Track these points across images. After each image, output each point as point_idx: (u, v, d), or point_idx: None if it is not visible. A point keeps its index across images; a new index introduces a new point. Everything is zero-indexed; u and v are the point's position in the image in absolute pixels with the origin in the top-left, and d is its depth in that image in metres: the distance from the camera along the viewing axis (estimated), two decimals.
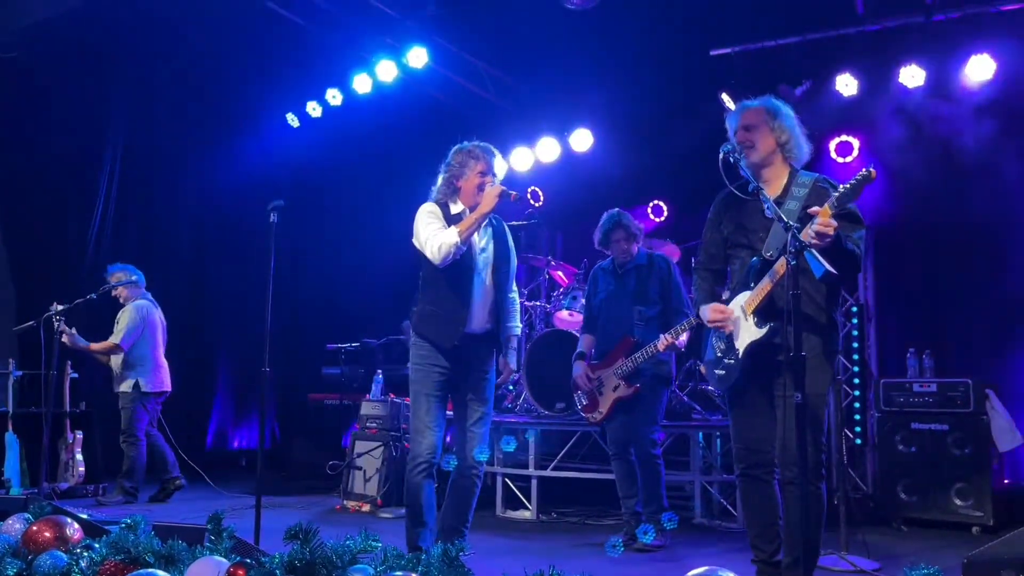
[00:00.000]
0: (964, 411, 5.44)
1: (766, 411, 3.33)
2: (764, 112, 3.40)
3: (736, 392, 3.38)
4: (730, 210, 3.46)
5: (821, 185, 3.29)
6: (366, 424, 6.58)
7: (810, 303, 3.22)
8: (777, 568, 3.36)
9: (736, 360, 3.31)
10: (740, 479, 3.45)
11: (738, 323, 3.31)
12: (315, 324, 9.06)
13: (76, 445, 6.77)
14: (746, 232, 3.38)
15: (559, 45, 7.15)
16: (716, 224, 3.54)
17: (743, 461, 3.40)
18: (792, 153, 3.40)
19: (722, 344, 3.39)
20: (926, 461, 5.51)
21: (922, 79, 6.27)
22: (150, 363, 6.65)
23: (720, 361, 3.39)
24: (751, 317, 3.26)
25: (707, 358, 3.52)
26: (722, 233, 3.50)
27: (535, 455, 6.06)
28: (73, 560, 2.43)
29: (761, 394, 3.33)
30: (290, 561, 2.17)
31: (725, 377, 3.37)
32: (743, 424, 3.39)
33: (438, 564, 2.11)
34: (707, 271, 3.58)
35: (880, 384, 5.84)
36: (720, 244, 3.52)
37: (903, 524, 5.52)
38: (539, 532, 5.54)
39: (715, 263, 3.56)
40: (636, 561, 4.57)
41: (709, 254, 3.58)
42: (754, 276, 3.28)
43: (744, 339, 3.29)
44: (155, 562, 2.33)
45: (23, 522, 2.74)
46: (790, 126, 3.40)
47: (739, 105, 3.52)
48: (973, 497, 5.31)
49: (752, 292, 3.26)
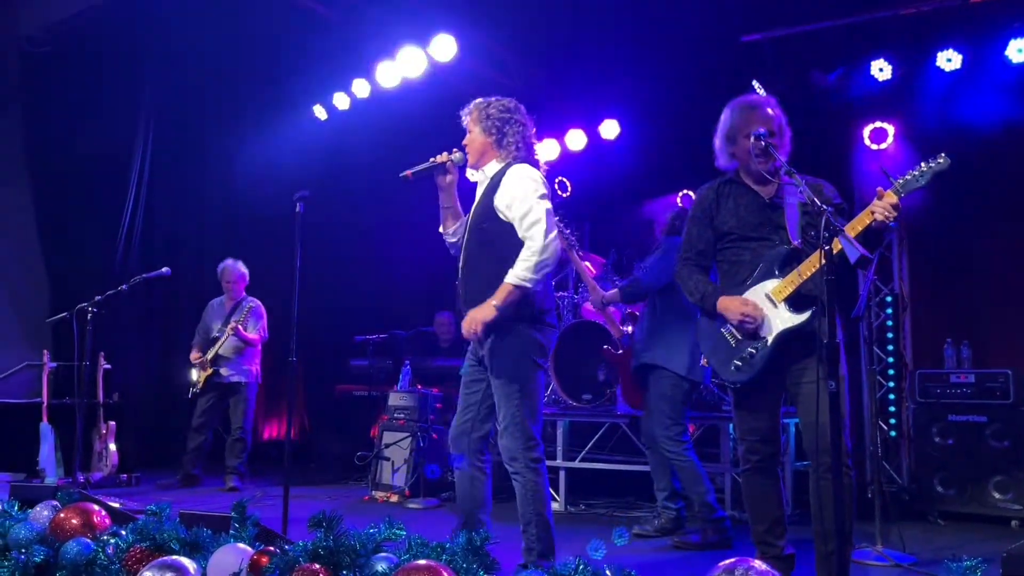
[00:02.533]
0: (1003, 403, 5.32)
1: (775, 402, 3.31)
2: (774, 115, 3.37)
3: (753, 382, 3.26)
4: (726, 204, 3.41)
5: (812, 182, 3.28)
6: (394, 415, 6.59)
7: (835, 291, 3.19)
8: (788, 562, 3.30)
9: (763, 348, 3.22)
10: (749, 473, 3.37)
11: (766, 312, 3.25)
12: (344, 315, 9.07)
13: (109, 435, 6.85)
14: (750, 224, 3.33)
15: (587, 34, 7.08)
16: (707, 220, 3.45)
17: (757, 453, 3.33)
18: (784, 151, 3.38)
19: (738, 334, 3.28)
20: (963, 454, 5.40)
21: (959, 63, 6.11)
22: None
23: (739, 350, 3.27)
24: (781, 305, 3.20)
25: (711, 350, 3.39)
26: (717, 229, 3.42)
27: (563, 446, 6.03)
28: (99, 547, 2.43)
29: (773, 385, 3.28)
30: (314, 549, 2.15)
31: (745, 368, 3.24)
32: (757, 415, 3.32)
33: (463, 553, 2.09)
34: (697, 267, 3.47)
35: (916, 375, 5.73)
36: (711, 240, 3.44)
37: (939, 518, 5.41)
38: (567, 524, 5.50)
39: (705, 260, 3.48)
40: (665, 552, 4.52)
41: (698, 250, 3.47)
42: (779, 264, 3.23)
43: (775, 326, 3.22)
44: (180, 549, 2.34)
45: (51, 509, 2.76)
46: (786, 129, 3.40)
47: (745, 103, 3.43)
48: (1013, 490, 5.19)
49: (782, 280, 3.21)
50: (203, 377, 6.82)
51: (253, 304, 7.02)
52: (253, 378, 6.95)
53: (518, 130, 3.52)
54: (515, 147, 3.51)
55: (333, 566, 2.11)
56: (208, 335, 6.97)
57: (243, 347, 6.86)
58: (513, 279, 3.27)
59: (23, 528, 2.59)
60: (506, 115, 3.52)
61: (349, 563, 2.12)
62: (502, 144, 3.51)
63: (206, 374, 6.80)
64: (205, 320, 7.10)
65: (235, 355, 6.86)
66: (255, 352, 6.99)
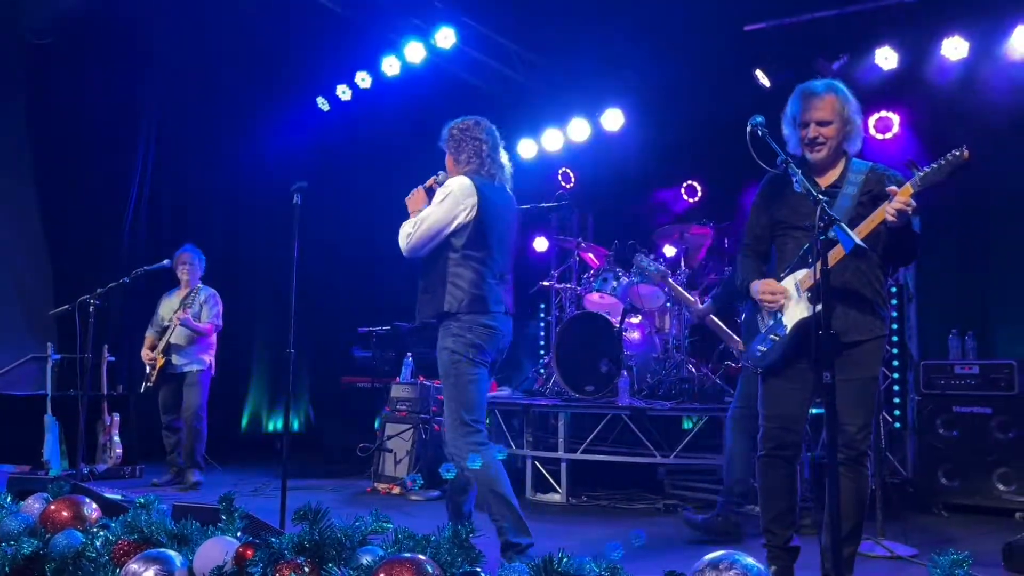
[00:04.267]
0: (1008, 394, 5.27)
1: (803, 391, 3.25)
2: (837, 103, 3.25)
3: (775, 369, 3.26)
4: (782, 192, 3.35)
5: (880, 171, 3.23)
6: (396, 407, 6.59)
7: (867, 285, 3.18)
8: (792, 553, 3.27)
9: (783, 337, 3.22)
10: (765, 459, 3.33)
11: (790, 300, 3.24)
12: (348, 307, 9.09)
13: (113, 427, 6.88)
14: (800, 214, 3.28)
15: (589, 24, 7.03)
16: (765, 206, 3.43)
17: (774, 440, 3.29)
18: (851, 140, 3.29)
19: (770, 320, 3.30)
20: (968, 445, 5.35)
21: (965, 51, 6.04)
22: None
23: (764, 338, 3.29)
24: (804, 294, 3.19)
25: (749, 335, 3.41)
26: (771, 216, 3.40)
27: (565, 438, 6.02)
28: (88, 539, 2.43)
29: (803, 373, 3.23)
30: (299, 542, 2.14)
31: (767, 354, 3.27)
32: (780, 401, 3.28)
33: (448, 545, 2.07)
34: (753, 252, 3.48)
35: (920, 366, 5.68)
36: (767, 226, 3.43)
37: (944, 510, 5.37)
38: (569, 515, 5.49)
39: (761, 244, 3.47)
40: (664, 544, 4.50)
41: (755, 235, 3.47)
42: (813, 255, 3.19)
43: (795, 315, 3.20)
44: (167, 542, 2.33)
45: (42, 502, 2.76)
46: (855, 114, 3.28)
47: (804, 90, 3.31)
48: (1017, 482, 5.15)
49: (810, 270, 3.18)
50: (155, 369, 6.52)
51: (208, 292, 6.68)
52: (207, 367, 6.61)
53: (474, 145, 3.85)
54: (467, 162, 3.85)
55: (318, 559, 2.10)
56: (160, 325, 6.66)
57: (195, 336, 6.53)
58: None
59: (13, 520, 2.60)
60: (464, 133, 3.87)
61: (334, 556, 2.11)
62: (459, 160, 3.88)
63: (159, 365, 6.49)
64: (159, 310, 6.77)
65: (187, 344, 6.51)
66: (209, 343, 6.64)
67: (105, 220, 8.12)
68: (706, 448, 5.82)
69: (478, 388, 3.65)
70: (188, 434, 6.44)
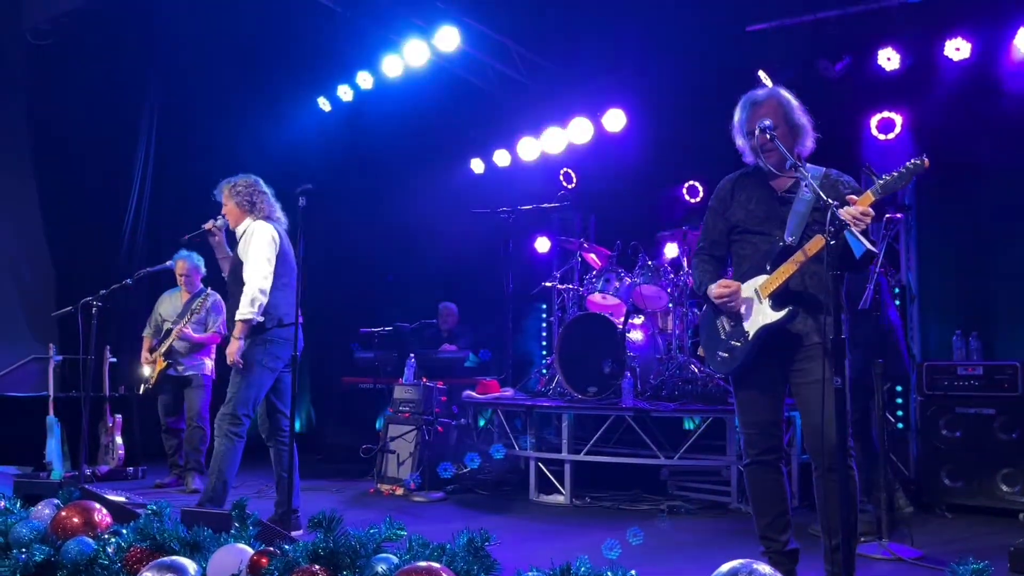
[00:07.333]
0: (1012, 395, 5.27)
1: (775, 395, 3.30)
2: (780, 107, 3.29)
3: (743, 375, 3.32)
4: (739, 196, 3.40)
5: (834, 178, 3.28)
6: (399, 408, 6.58)
7: (826, 291, 3.16)
8: (792, 557, 3.28)
9: (744, 343, 3.25)
10: (752, 467, 3.35)
11: (751, 306, 3.26)
12: (350, 308, 9.07)
13: (116, 429, 6.87)
14: (759, 219, 3.31)
15: (591, 24, 7.02)
16: (722, 211, 3.45)
17: (756, 446, 3.32)
18: (800, 141, 3.30)
19: (728, 327, 3.32)
20: (971, 446, 5.36)
21: (968, 52, 6.03)
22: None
23: (725, 343, 3.33)
24: (766, 300, 3.21)
25: (706, 340, 3.45)
26: (728, 220, 3.42)
27: (568, 439, 6.01)
28: (100, 546, 2.43)
29: (771, 378, 3.28)
30: (313, 550, 2.14)
31: (728, 360, 3.31)
32: (754, 408, 3.33)
33: (463, 554, 2.07)
34: (710, 256, 3.49)
35: (923, 367, 5.68)
36: (725, 231, 3.45)
37: (947, 510, 5.38)
38: (572, 517, 5.49)
39: (718, 249, 3.49)
40: (671, 548, 4.50)
41: (712, 240, 3.49)
42: (772, 260, 3.22)
43: (757, 322, 3.23)
44: (180, 549, 2.32)
45: (52, 507, 2.75)
46: (800, 114, 3.31)
47: (748, 99, 3.36)
48: (1021, 483, 5.15)
49: (770, 276, 3.21)
50: (156, 372, 6.48)
51: (214, 298, 6.61)
52: (209, 371, 6.60)
53: (263, 198, 4.87)
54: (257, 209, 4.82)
55: (333, 567, 2.10)
56: (160, 328, 6.63)
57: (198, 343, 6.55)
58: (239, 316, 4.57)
59: (24, 527, 2.58)
60: (251, 189, 4.89)
61: (349, 564, 2.10)
62: (253, 209, 4.81)
63: (160, 368, 6.49)
64: (158, 311, 6.73)
65: (189, 352, 6.51)
66: (210, 349, 6.63)
67: (106, 220, 8.10)
68: (710, 449, 5.82)
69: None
70: (190, 438, 6.43)
